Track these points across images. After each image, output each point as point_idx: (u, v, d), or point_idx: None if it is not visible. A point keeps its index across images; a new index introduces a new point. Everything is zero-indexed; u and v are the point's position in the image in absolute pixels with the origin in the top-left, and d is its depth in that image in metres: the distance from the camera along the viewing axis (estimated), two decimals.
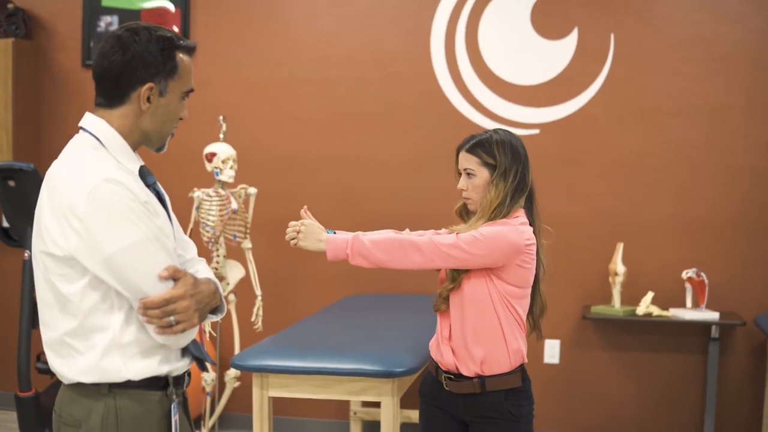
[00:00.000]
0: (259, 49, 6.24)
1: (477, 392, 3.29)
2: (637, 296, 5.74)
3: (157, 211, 2.49)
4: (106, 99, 2.49)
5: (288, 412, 6.02)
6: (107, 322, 2.41)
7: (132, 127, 2.49)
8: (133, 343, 2.43)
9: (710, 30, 5.76)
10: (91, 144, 2.46)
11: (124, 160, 2.47)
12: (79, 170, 2.39)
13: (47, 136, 6.38)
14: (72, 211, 2.33)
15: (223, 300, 2.65)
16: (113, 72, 2.45)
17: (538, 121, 5.94)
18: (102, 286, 2.39)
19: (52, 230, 2.38)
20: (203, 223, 5.45)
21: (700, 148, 5.79)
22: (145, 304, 2.37)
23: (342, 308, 5.48)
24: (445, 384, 3.34)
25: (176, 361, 2.55)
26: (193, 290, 2.45)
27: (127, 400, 2.45)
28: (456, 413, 3.36)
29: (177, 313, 2.40)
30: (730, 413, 5.81)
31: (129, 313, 2.43)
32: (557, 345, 5.97)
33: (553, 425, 5.95)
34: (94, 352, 2.41)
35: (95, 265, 2.36)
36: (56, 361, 2.48)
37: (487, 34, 5.99)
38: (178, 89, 2.52)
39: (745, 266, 5.78)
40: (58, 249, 2.37)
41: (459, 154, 3.36)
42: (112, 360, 2.42)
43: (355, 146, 6.13)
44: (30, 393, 4.94)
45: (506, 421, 3.31)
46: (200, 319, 2.49)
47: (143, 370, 2.46)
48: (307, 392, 4.09)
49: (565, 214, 5.82)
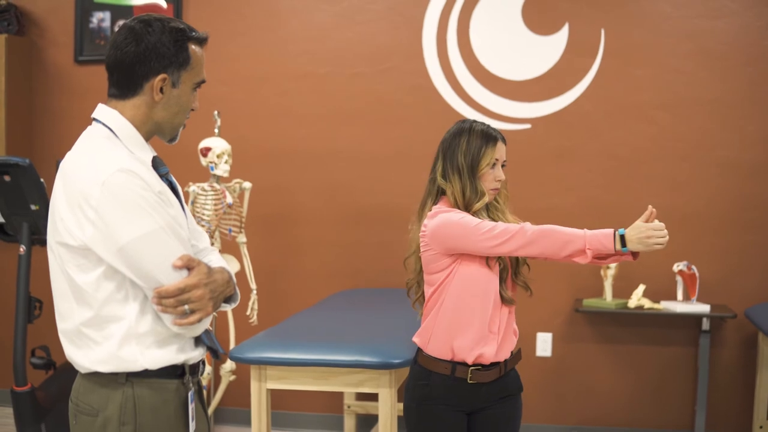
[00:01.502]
0: (252, 44, 6.26)
1: (501, 375, 3.34)
2: (629, 289, 5.78)
3: (170, 201, 2.50)
4: (119, 90, 2.51)
5: (282, 406, 6.04)
6: (122, 312, 2.42)
7: (145, 118, 2.51)
8: (149, 333, 2.45)
9: (700, 25, 5.80)
10: (105, 134, 2.48)
11: (137, 151, 2.48)
12: (92, 161, 2.40)
13: (40, 131, 6.38)
14: (87, 201, 2.35)
15: (237, 289, 2.66)
16: (126, 63, 2.46)
17: (529, 116, 5.97)
18: (117, 276, 2.41)
19: (67, 220, 2.39)
20: (198, 217, 5.47)
21: (690, 142, 5.83)
22: (160, 293, 2.39)
23: (337, 302, 5.50)
24: (469, 378, 3.30)
25: (191, 350, 2.56)
26: (207, 279, 2.47)
27: (144, 389, 2.47)
28: (465, 405, 3.35)
29: (192, 302, 2.42)
30: (721, 405, 5.86)
31: (144, 303, 2.44)
32: (549, 338, 6.01)
33: (546, 418, 5.98)
34: (110, 342, 2.43)
35: (110, 255, 2.37)
36: (72, 351, 2.50)
37: (479, 29, 6.02)
38: (190, 80, 2.54)
39: (735, 259, 5.82)
40: (73, 239, 2.38)
41: (497, 145, 3.33)
42: (130, 349, 2.43)
43: (349, 141, 6.16)
44: (26, 388, 4.93)
45: (518, 395, 3.44)
46: (215, 308, 2.51)
47: (160, 359, 2.47)
48: (305, 384, 4.11)
49: (556, 208, 5.85)
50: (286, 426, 6.18)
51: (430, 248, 3.29)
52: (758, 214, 5.78)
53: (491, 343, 3.29)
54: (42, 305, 4.97)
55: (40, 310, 5.01)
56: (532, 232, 3.15)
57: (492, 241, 3.16)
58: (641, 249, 3.17)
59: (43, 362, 5.18)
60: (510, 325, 3.35)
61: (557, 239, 3.14)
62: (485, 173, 3.30)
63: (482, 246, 3.18)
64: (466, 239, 3.19)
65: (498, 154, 3.31)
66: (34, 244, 5.01)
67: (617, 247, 3.13)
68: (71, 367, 2.57)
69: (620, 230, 3.15)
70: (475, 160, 3.29)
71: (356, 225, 6.16)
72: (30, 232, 4.95)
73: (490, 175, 3.31)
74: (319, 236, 6.20)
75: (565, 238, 3.14)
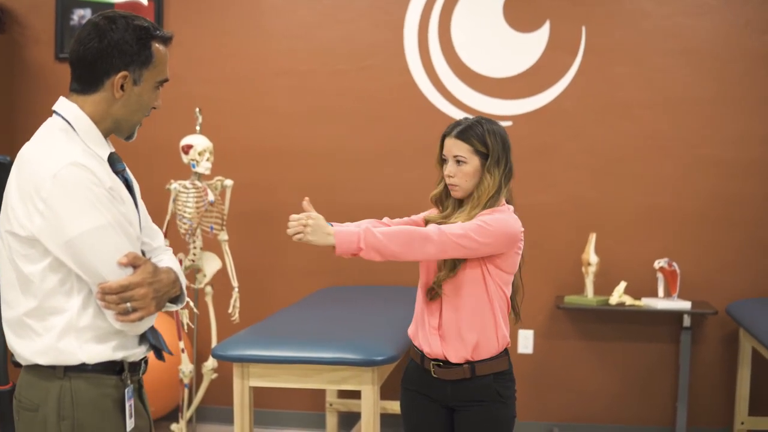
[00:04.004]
0: (233, 41, 6.24)
1: (467, 377, 3.31)
2: (610, 286, 5.79)
3: (122, 198, 2.51)
4: (80, 85, 2.52)
5: (264, 404, 6.03)
6: (66, 304, 2.44)
7: (104, 114, 2.52)
8: (89, 328, 2.46)
9: (680, 23, 5.82)
10: (62, 127, 2.49)
11: (93, 146, 2.50)
12: (46, 152, 2.42)
13: (21, 129, 6.34)
14: (37, 193, 2.36)
15: (184, 290, 2.66)
16: (89, 59, 2.47)
17: (510, 113, 5.98)
18: (62, 269, 2.42)
19: (17, 210, 2.40)
20: (180, 215, 5.45)
21: (671, 140, 5.85)
22: (103, 289, 2.39)
23: (319, 299, 5.50)
24: (433, 371, 3.33)
25: (132, 347, 2.56)
26: (152, 278, 2.47)
27: (82, 383, 2.48)
28: (443, 399, 3.36)
29: (134, 300, 2.42)
30: (702, 401, 5.89)
31: (88, 298, 2.45)
32: (531, 335, 6.02)
33: (527, 415, 5.99)
34: (50, 334, 2.44)
35: (57, 248, 2.38)
36: (15, 341, 2.51)
37: (460, 26, 6.03)
38: (152, 78, 2.54)
39: (716, 256, 5.85)
40: (22, 229, 2.40)
41: (446, 140, 3.32)
42: (68, 342, 2.44)
43: (330, 138, 6.15)
44: (7, 387, 4.91)
45: (494, 402, 3.34)
46: (158, 308, 2.51)
47: (98, 354, 2.48)
48: (288, 382, 4.12)
49: (537, 204, 5.87)
50: (269, 424, 6.18)
51: None
52: (739, 211, 5.81)
53: (433, 340, 3.32)
54: None
55: None
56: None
57: None
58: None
59: None
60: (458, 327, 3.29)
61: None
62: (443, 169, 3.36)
63: None
64: None
65: (446, 150, 3.32)
66: None
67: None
68: None
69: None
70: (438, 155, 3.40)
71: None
72: None
73: (444, 172, 3.34)
74: None
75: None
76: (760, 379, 5.74)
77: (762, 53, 5.78)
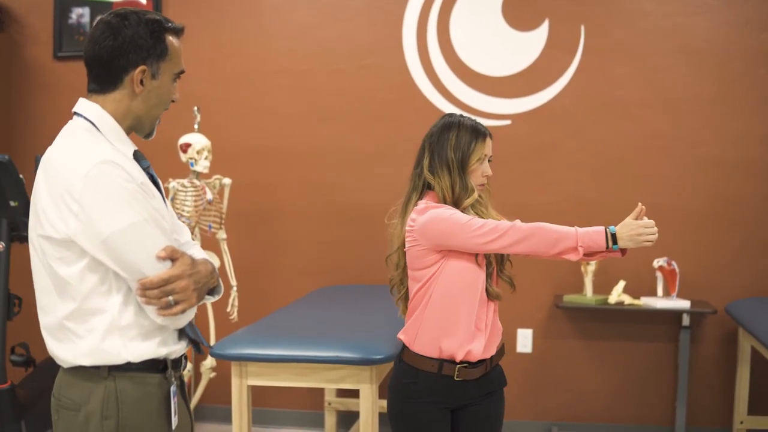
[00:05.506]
0: (232, 40, 6.24)
1: (487, 371, 3.33)
2: (609, 285, 5.79)
3: (153, 193, 2.50)
4: (99, 84, 2.50)
5: (263, 403, 6.02)
6: (105, 304, 2.42)
7: (126, 111, 2.51)
8: (132, 326, 2.44)
9: (680, 22, 5.82)
10: (86, 128, 2.47)
11: (118, 144, 2.48)
12: (74, 153, 2.40)
13: (19, 127, 6.35)
14: (70, 194, 2.34)
15: (220, 281, 2.66)
16: (105, 57, 2.46)
17: (509, 112, 5.97)
18: (100, 268, 2.40)
19: (49, 213, 2.38)
20: (178, 213, 5.45)
21: (670, 139, 5.85)
22: (144, 285, 2.38)
23: (317, 298, 5.49)
24: (456, 375, 3.27)
25: (174, 343, 2.56)
26: (191, 270, 2.46)
27: (127, 382, 2.46)
28: (451, 402, 3.32)
29: (176, 293, 2.41)
30: (701, 400, 5.88)
31: (127, 296, 2.43)
32: (530, 334, 6.01)
33: (526, 414, 5.99)
34: (93, 335, 2.42)
35: (93, 247, 2.36)
36: (55, 345, 2.48)
37: (459, 25, 6.03)
38: (169, 71, 2.54)
39: (715, 255, 5.84)
40: (56, 232, 2.37)
41: (486, 140, 3.31)
42: (112, 342, 2.42)
43: (329, 137, 6.15)
44: (5, 385, 4.91)
45: (501, 391, 3.43)
46: (198, 299, 2.50)
47: (143, 351, 2.46)
48: (286, 380, 4.10)
49: (536, 203, 5.86)
50: (267, 423, 6.17)
51: (419, 244, 3.24)
52: (738, 211, 5.80)
53: (478, 340, 3.26)
54: (21, 302, 4.94)
55: (20, 307, 4.98)
56: (523, 229, 3.13)
57: (484, 237, 3.13)
58: (631, 246, 3.14)
59: (23, 359, 5.15)
60: (495, 322, 3.34)
61: (548, 237, 3.12)
62: (474, 169, 3.28)
63: (474, 243, 3.15)
64: (457, 236, 3.15)
65: (487, 150, 3.30)
66: (13, 240, 4.98)
67: (609, 244, 3.11)
68: (51, 364, 2.56)
69: (611, 228, 3.13)
70: (465, 155, 3.26)
71: (336, 221, 6.16)
72: (9, 228, 4.92)
73: (478, 171, 3.29)
74: (300, 233, 6.19)
75: (556, 235, 3.12)
76: (760, 378, 5.74)
77: (761, 52, 5.77)
